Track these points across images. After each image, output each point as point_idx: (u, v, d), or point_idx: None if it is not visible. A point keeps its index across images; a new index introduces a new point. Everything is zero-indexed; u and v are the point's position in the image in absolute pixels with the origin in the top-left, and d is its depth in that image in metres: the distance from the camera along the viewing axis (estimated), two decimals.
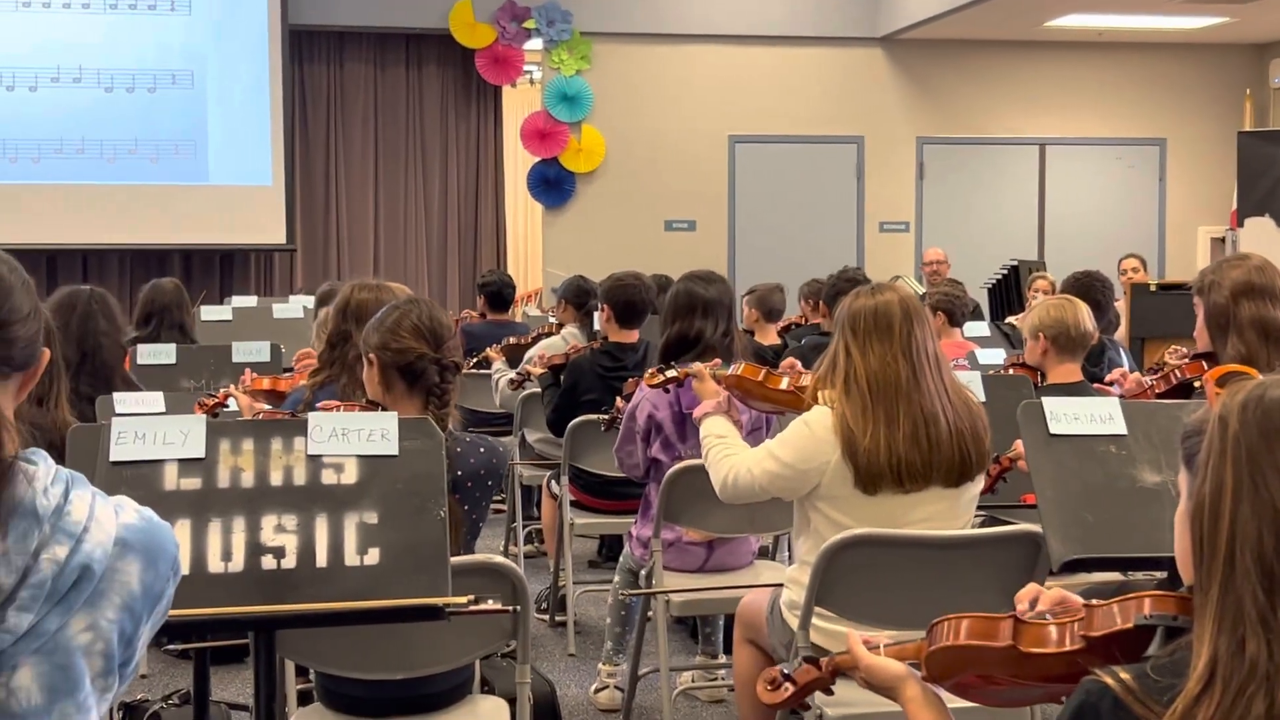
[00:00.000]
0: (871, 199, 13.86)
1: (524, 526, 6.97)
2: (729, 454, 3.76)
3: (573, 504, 5.76)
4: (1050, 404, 3.15)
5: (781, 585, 3.74)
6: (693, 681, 5.16)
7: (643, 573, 4.72)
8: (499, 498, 8.36)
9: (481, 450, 3.23)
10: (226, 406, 4.63)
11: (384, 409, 3.17)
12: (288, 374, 5.12)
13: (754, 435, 4.53)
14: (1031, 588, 1.90)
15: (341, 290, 4.38)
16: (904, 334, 3.48)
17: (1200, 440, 1.56)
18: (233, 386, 4.79)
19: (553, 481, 6.09)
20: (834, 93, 13.73)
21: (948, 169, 13.95)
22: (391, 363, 3.26)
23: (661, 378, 4.39)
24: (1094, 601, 1.78)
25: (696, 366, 4.24)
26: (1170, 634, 1.64)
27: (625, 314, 5.83)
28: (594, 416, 5.54)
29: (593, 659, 5.53)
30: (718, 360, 4.39)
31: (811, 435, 3.51)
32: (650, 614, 4.63)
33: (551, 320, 8.25)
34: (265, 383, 4.82)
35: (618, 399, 5.18)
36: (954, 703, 2.01)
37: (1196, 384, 4.06)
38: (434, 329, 3.29)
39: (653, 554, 4.54)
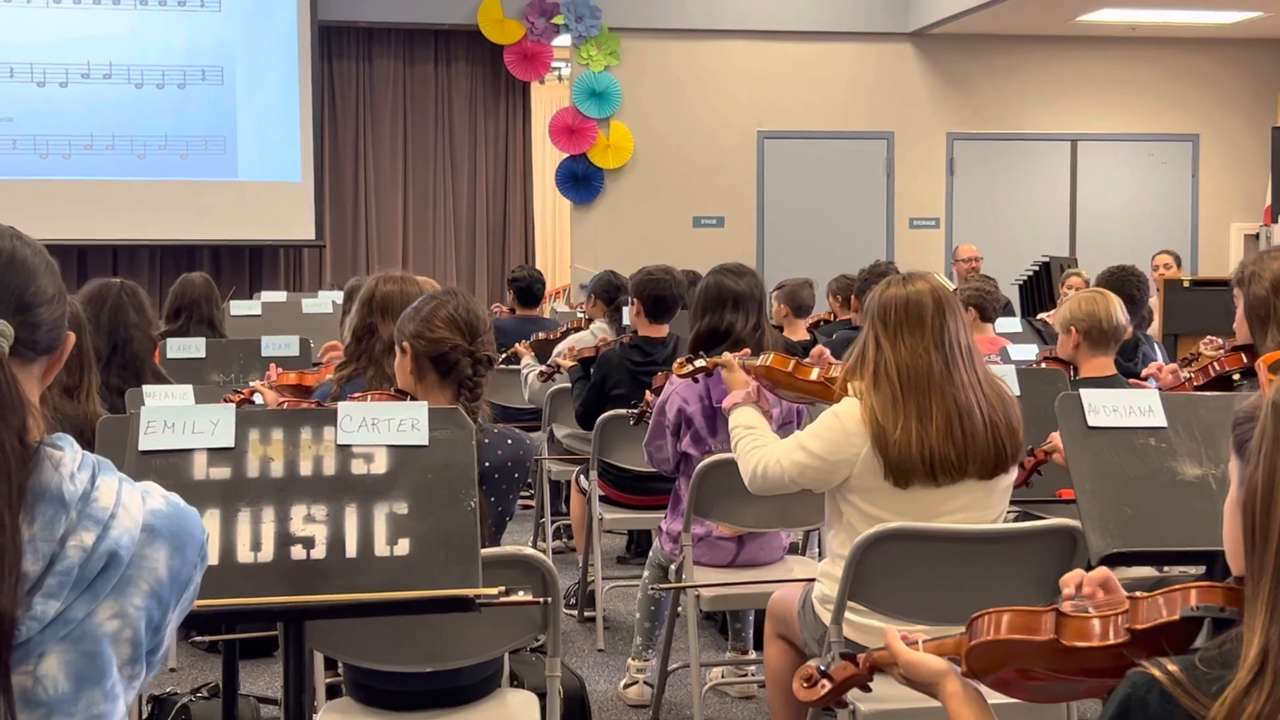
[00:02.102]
0: (901, 195, 13.81)
1: (552, 522, 6.96)
2: (758, 445, 3.73)
3: (602, 499, 5.74)
4: (1089, 396, 3.11)
5: (813, 580, 3.71)
6: (723, 677, 5.13)
7: (672, 568, 4.70)
8: (527, 493, 8.36)
9: (509, 442, 3.21)
10: (252, 403, 4.62)
11: (413, 399, 3.16)
12: (315, 368, 5.12)
13: (784, 429, 4.50)
14: (1076, 573, 1.87)
15: (366, 283, 4.37)
16: (936, 325, 3.45)
17: (1253, 426, 1.53)
18: (258, 382, 4.78)
19: (581, 476, 6.07)
20: (864, 88, 13.68)
21: (978, 165, 13.89)
22: (425, 352, 3.25)
23: (690, 367, 4.37)
24: (1139, 594, 1.75)
25: (726, 356, 4.21)
26: (1217, 626, 1.61)
27: (655, 308, 5.81)
28: (623, 411, 5.52)
29: (622, 654, 5.51)
30: (747, 350, 4.37)
31: (841, 427, 3.48)
32: (680, 609, 4.61)
33: (580, 315, 8.24)
34: (291, 377, 4.82)
35: (647, 393, 5.16)
36: (994, 698, 1.97)
37: (1236, 377, 4.01)
38: (470, 321, 3.28)
39: (683, 549, 4.52)
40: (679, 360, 4.44)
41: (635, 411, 5.22)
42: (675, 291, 5.86)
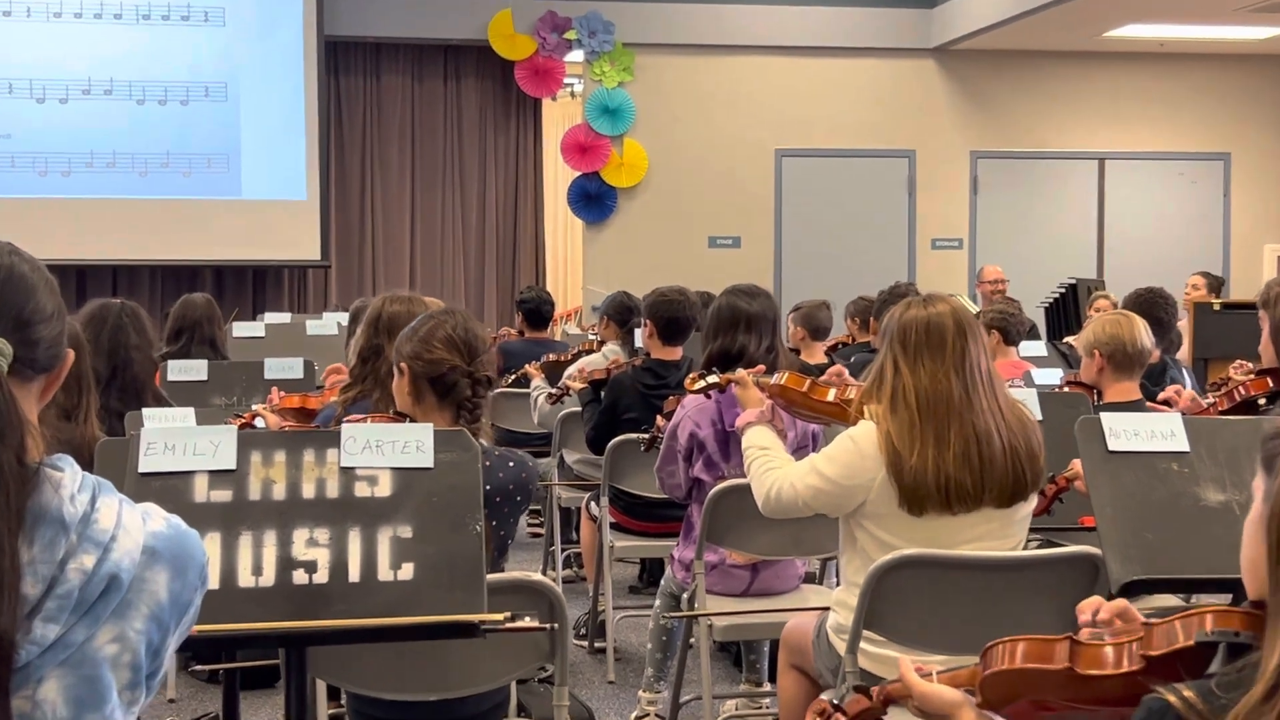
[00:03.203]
0: (923, 215, 13.83)
1: (562, 550, 6.97)
2: (772, 467, 3.76)
3: (613, 526, 5.76)
4: (1109, 420, 3.13)
5: (828, 609, 3.72)
6: (736, 709, 5.14)
7: (685, 596, 4.71)
8: (536, 521, 8.39)
9: (511, 465, 3.23)
10: (254, 427, 4.64)
11: (412, 420, 3.18)
12: (319, 392, 5.15)
13: (800, 453, 4.52)
14: (1094, 600, 1.89)
15: (372, 303, 4.39)
16: (957, 349, 3.46)
17: None
18: (260, 406, 4.81)
19: (592, 503, 6.09)
20: (885, 105, 13.71)
21: (1003, 184, 13.90)
22: (423, 373, 3.28)
23: (703, 382, 4.39)
24: (1153, 620, 1.76)
25: (740, 373, 4.24)
26: (1234, 651, 1.62)
27: (669, 330, 5.84)
28: (634, 436, 5.54)
29: (633, 686, 5.52)
30: (761, 367, 4.39)
31: (856, 450, 3.50)
32: (692, 640, 4.62)
33: (592, 337, 8.26)
34: (295, 400, 4.85)
35: (658, 418, 5.18)
36: None
37: (1261, 402, 4.02)
38: (468, 341, 3.31)
39: (695, 577, 4.54)
40: (692, 375, 4.46)
41: (646, 436, 5.24)
42: (689, 313, 5.88)
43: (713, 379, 4.38)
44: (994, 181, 13.90)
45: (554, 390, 6.66)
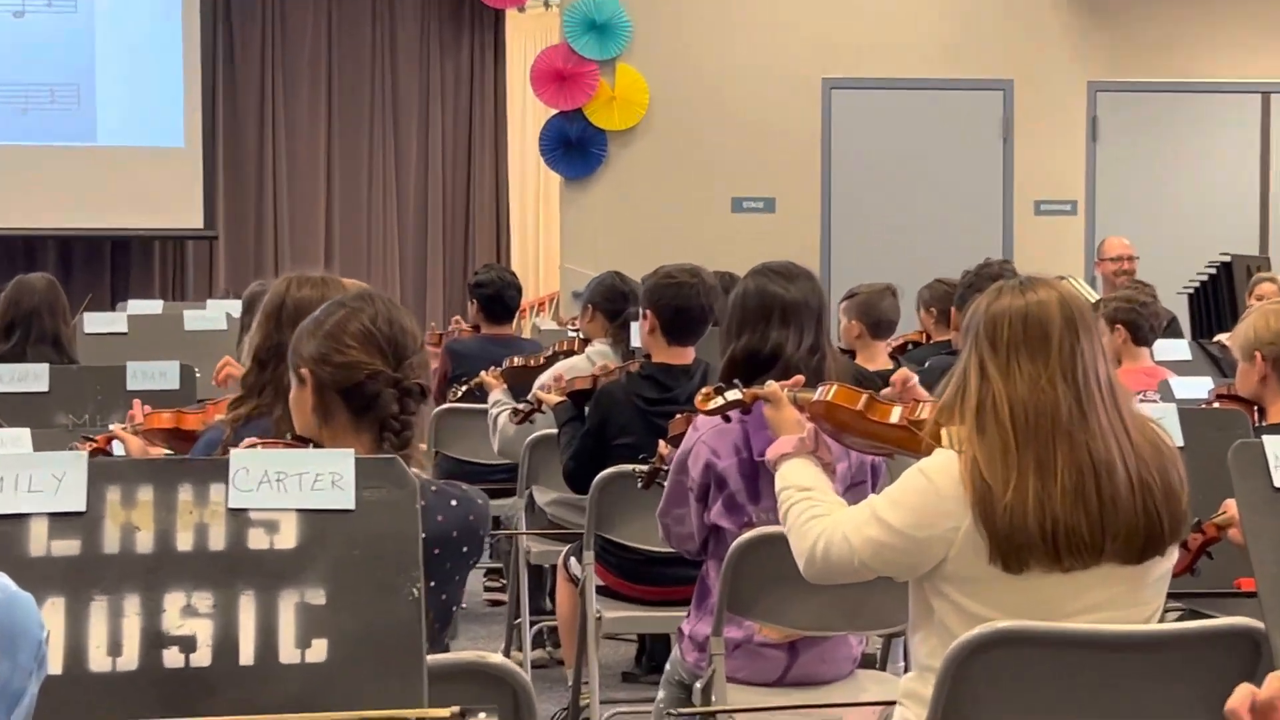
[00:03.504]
0: (1024, 169, 13.82)
1: (532, 623, 6.97)
2: (818, 514, 3.75)
3: (600, 591, 5.76)
4: (1274, 446, 3.13)
5: (893, 704, 3.72)
6: None
7: (698, 686, 4.71)
8: (496, 583, 8.38)
9: (454, 504, 3.22)
10: (111, 454, 4.64)
11: (316, 446, 3.18)
12: (201, 407, 5.13)
13: (854, 493, 4.52)
14: (1243, 690, 1.89)
15: (273, 287, 4.40)
16: (1065, 348, 3.47)
17: None
18: (119, 426, 4.81)
19: (572, 559, 6.09)
20: (971, 21, 13.72)
21: (1132, 126, 13.91)
22: (332, 382, 3.28)
23: (720, 400, 4.37)
24: None
25: (770, 386, 4.22)
26: None
27: (676, 324, 5.84)
28: (630, 467, 5.54)
29: None
30: (799, 379, 4.37)
31: (932, 490, 3.49)
32: None
33: (572, 334, 8.26)
34: (166, 419, 4.83)
35: (661, 444, 5.17)
36: None
37: None
38: (393, 337, 3.30)
39: (712, 660, 4.53)
40: (704, 391, 4.45)
41: (645, 469, 5.24)
42: (703, 301, 5.88)
43: (734, 395, 4.36)
44: (1119, 123, 13.90)
45: (520, 406, 6.65)
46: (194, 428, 4.77)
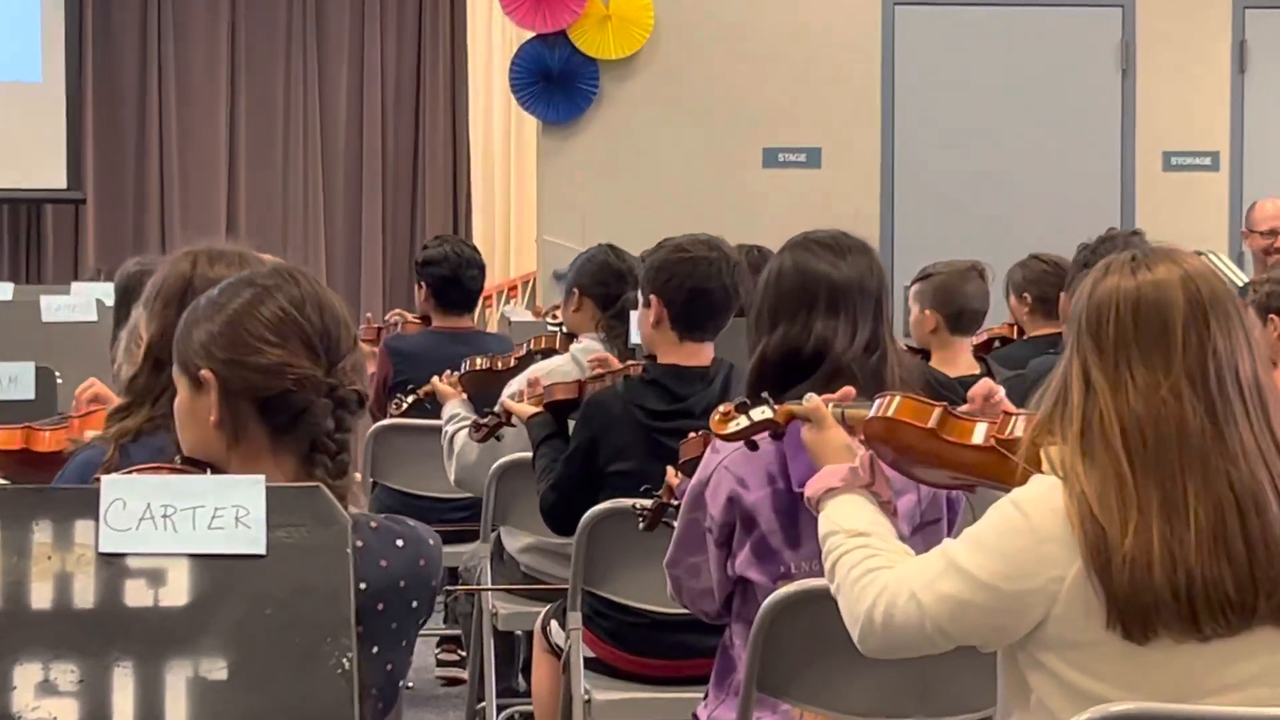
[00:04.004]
0: (1149, 111, 13.82)
1: (499, 710, 6.98)
2: (876, 567, 3.74)
3: (589, 665, 5.78)
4: None
5: None
6: None
7: None
8: (454, 655, 8.38)
9: (399, 544, 3.23)
10: None
11: (213, 471, 3.18)
12: (64, 421, 5.13)
13: (926, 534, 4.53)
14: None
15: (171, 265, 4.41)
16: (1191, 344, 3.49)
17: None
18: None
19: (553, 624, 6.10)
20: None
21: None
22: (247, 390, 3.28)
23: (743, 421, 4.36)
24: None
25: (811, 401, 4.22)
26: None
27: (690, 313, 5.86)
28: (629, 502, 5.55)
29: None
30: (849, 390, 4.36)
31: (1029, 528, 3.50)
32: None
33: (552, 328, 8.26)
34: (16, 437, 4.83)
35: (670, 472, 5.16)
36: None
37: None
38: (325, 329, 3.31)
39: None
40: (723, 409, 4.43)
41: (649, 506, 5.23)
42: (726, 282, 5.89)
43: (762, 413, 4.34)
44: (1276, 50, 13.91)
45: (484, 420, 6.65)
46: (50, 449, 4.76)
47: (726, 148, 13.53)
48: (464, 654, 7.33)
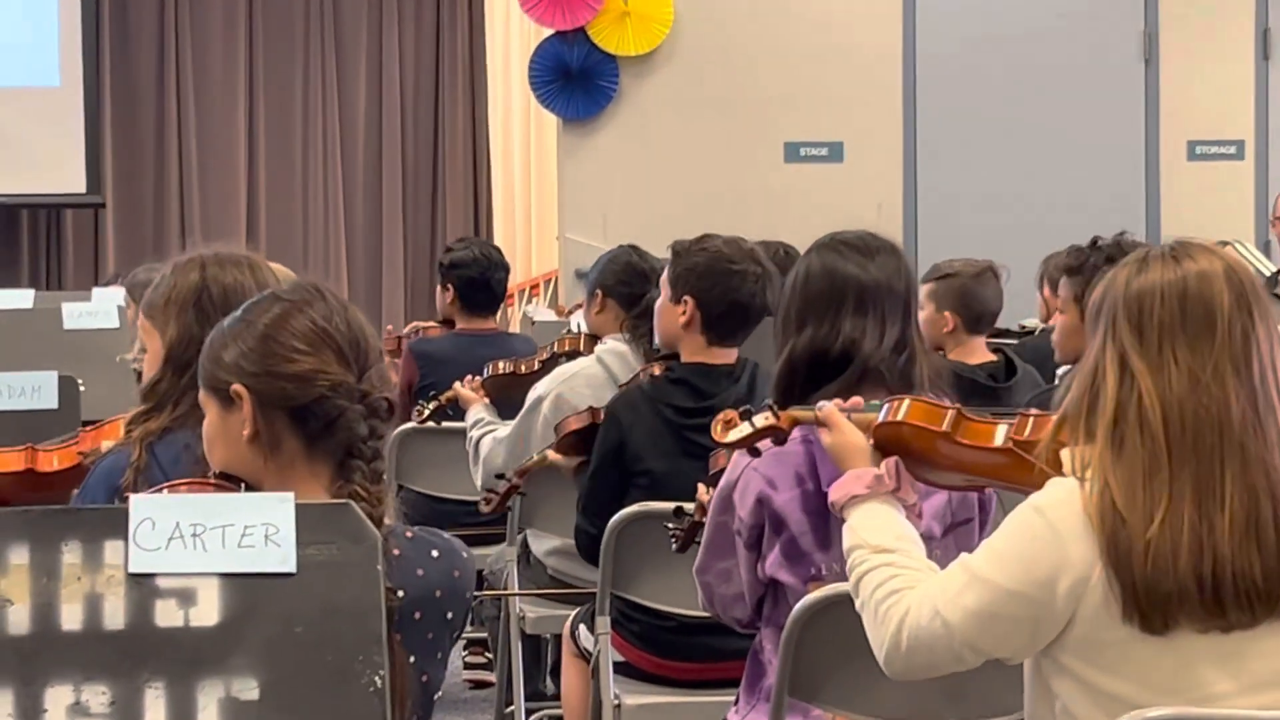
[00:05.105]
0: (1172, 99, 13.80)
1: (528, 713, 6.97)
2: (899, 587, 3.70)
3: (618, 668, 5.77)
4: None
5: None
6: None
7: None
8: (479, 659, 8.37)
9: (434, 555, 3.24)
10: None
11: (251, 488, 3.19)
12: (74, 438, 5.08)
13: (960, 533, 4.52)
14: None
15: (178, 272, 4.42)
16: (1236, 333, 3.47)
17: None
18: None
19: (581, 628, 6.10)
20: None
21: None
22: (280, 400, 3.29)
23: (744, 429, 4.31)
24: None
25: (825, 408, 4.19)
26: None
27: (727, 322, 5.89)
28: (658, 505, 5.54)
29: None
30: (857, 400, 4.31)
31: (1049, 530, 3.49)
32: None
33: (575, 328, 8.24)
34: (20, 460, 4.75)
35: (701, 489, 5.12)
36: None
37: None
38: (354, 339, 3.32)
39: None
40: (723, 416, 4.35)
41: (679, 528, 5.18)
42: (762, 300, 5.88)
43: (765, 419, 4.29)
44: None
45: (509, 426, 6.64)
46: (59, 467, 4.73)
47: (748, 143, 13.53)
48: (490, 656, 7.31)
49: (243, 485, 3.26)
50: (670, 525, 5.27)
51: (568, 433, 6.19)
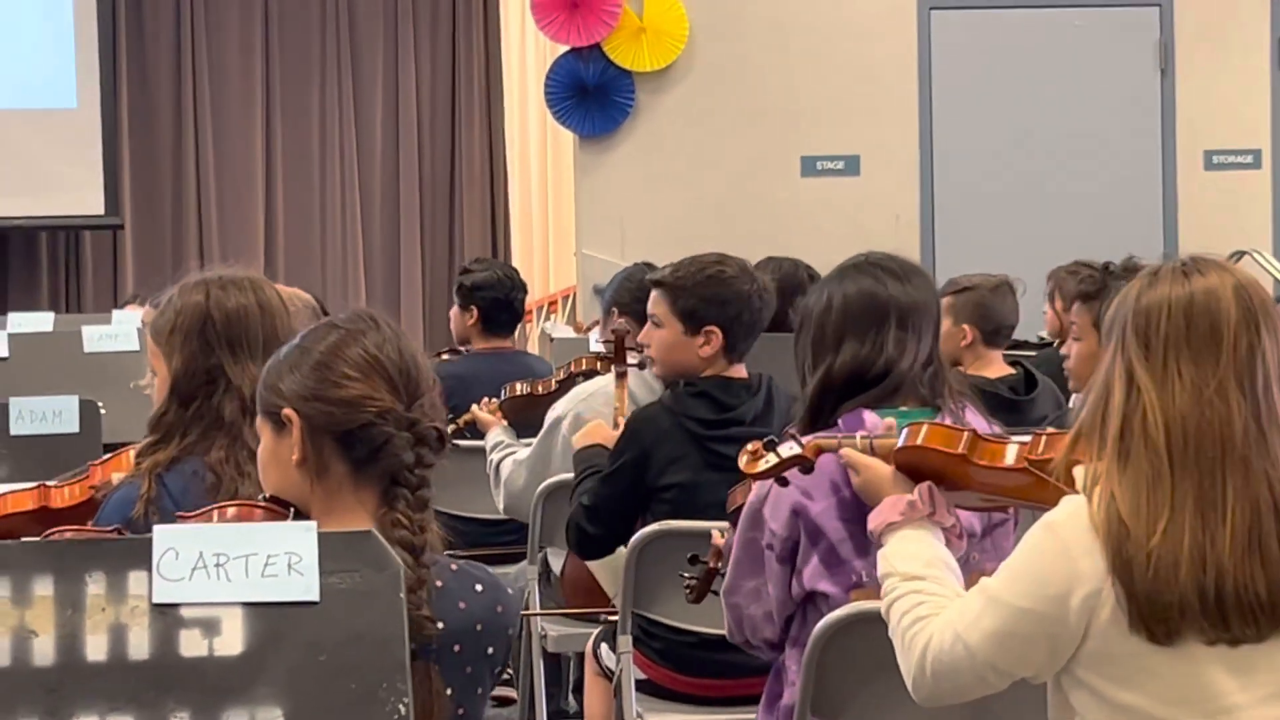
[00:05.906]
0: (1189, 109, 13.78)
1: None
2: (924, 614, 3.70)
3: (641, 686, 5.78)
4: None
5: None
6: None
7: None
8: (504, 677, 8.36)
9: (478, 589, 3.25)
10: None
11: (300, 515, 3.20)
12: (84, 472, 5.06)
13: (996, 535, 4.52)
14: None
15: (182, 298, 4.44)
16: (1241, 348, 3.47)
17: None
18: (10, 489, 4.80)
19: (603, 646, 6.12)
20: None
21: None
22: (327, 424, 3.31)
23: (773, 459, 4.30)
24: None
25: (845, 452, 4.17)
26: None
27: (742, 341, 5.95)
28: (676, 524, 5.54)
29: None
30: (890, 422, 4.33)
31: (1058, 545, 3.49)
32: None
33: (595, 348, 8.23)
34: (33, 499, 4.74)
35: (715, 535, 5.08)
36: None
37: None
38: (404, 368, 3.35)
39: None
40: (750, 448, 4.34)
41: (696, 575, 5.14)
42: (756, 303, 5.94)
43: (790, 449, 4.30)
44: None
45: (528, 446, 6.65)
46: (70, 503, 4.72)
47: (764, 157, 13.52)
48: (512, 673, 7.31)
49: (292, 510, 3.27)
50: (685, 575, 5.24)
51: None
